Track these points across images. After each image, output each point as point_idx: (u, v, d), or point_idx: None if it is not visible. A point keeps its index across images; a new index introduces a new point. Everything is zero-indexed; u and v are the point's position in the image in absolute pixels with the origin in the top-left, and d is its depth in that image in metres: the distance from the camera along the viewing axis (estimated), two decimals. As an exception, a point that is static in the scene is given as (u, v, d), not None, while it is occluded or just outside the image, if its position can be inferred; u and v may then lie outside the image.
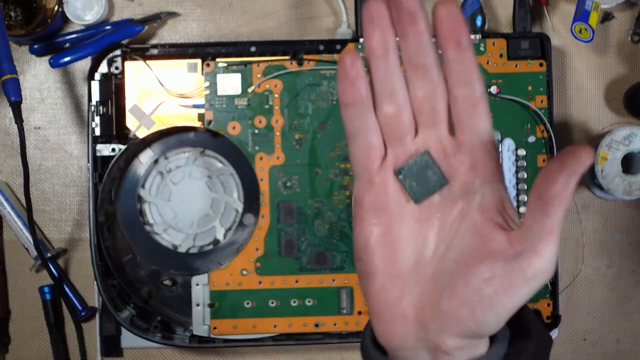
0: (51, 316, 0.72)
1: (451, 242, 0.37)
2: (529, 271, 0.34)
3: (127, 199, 0.71)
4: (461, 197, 0.37)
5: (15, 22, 0.72)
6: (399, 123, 0.37)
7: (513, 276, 0.34)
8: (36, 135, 0.74)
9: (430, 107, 0.36)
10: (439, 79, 0.36)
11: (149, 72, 0.69)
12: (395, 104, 0.36)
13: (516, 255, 0.35)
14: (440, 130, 0.37)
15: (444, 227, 0.37)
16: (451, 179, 0.37)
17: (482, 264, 0.35)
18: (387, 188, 0.37)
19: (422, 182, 0.37)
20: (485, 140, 0.36)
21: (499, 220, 0.36)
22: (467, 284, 0.35)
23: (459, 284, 0.35)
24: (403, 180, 0.37)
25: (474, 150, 0.36)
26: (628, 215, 0.75)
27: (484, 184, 0.36)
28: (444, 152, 0.37)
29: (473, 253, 0.36)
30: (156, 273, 0.71)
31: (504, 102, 0.71)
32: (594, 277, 0.75)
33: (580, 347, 0.75)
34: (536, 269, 0.34)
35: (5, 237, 0.74)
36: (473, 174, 0.36)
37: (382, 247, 0.37)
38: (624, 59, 0.75)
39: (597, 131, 0.75)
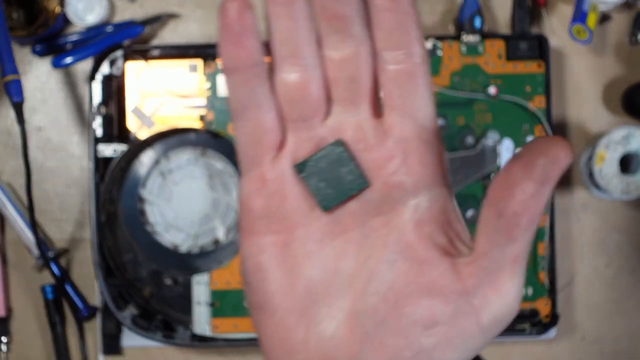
0: (53, 315, 0.73)
1: (375, 269, 0.26)
2: (484, 315, 0.25)
3: (128, 199, 0.71)
4: (388, 206, 0.27)
5: (17, 23, 0.73)
6: (304, 97, 0.26)
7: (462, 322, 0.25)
8: (38, 135, 0.74)
9: (348, 76, 0.26)
10: (363, 37, 0.26)
11: (150, 73, 0.70)
12: (300, 69, 0.26)
13: (466, 292, 0.25)
14: (362, 111, 0.27)
15: (365, 246, 0.27)
16: (374, 179, 0.27)
17: (418, 304, 0.25)
18: (285, 189, 0.27)
19: (334, 183, 0.27)
20: (423, 127, 0.26)
21: (441, 241, 0.26)
22: (397, 333, 0.25)
23: (387, 332, 0.25)
24: (307, 180, 0.27)
25: (408, 141, 0.26)
26: (626, 215, 0.75)
27: (420, 188, 0.26)
28: (365, 142, 0.27)
29: (405, 287, 0.26)
30: (157, 272, 0.71)
31: (502, 103, 0.71)
32: (593, 276, 0.75)
33: (579, 346, 0.75)
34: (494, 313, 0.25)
35: (8, 236, 0.74)
36: (404, 174, 0.26)
37: (278, 269, 0.27)
38: (622, 60, 0.75)
39: (595, 131, 0.75)
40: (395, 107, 0.26)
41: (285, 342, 0.27)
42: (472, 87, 0.71)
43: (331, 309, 0.27)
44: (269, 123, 0.27)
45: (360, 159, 0.27)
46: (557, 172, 0.23)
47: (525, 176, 0.23)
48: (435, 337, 0.25)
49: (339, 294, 0.27)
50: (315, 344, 0.26)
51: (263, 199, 0.27)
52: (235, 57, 0.26)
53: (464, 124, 0.71)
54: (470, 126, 0.71)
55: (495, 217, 0.24)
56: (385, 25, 0.26)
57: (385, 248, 0.26)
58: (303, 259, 0.27)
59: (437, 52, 0.71)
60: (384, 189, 0.27)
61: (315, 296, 0.27)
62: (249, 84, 0.26)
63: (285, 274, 0.27)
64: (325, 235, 0.27)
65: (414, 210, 0.26)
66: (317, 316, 0.27)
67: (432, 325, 0.25)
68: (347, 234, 0.27)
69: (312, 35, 0.26)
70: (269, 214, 0.27)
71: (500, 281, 0.25)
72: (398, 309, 0.25)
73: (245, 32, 0.25)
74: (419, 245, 0.26)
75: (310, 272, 0.27)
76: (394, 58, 0.26)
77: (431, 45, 0.71)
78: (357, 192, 0.27)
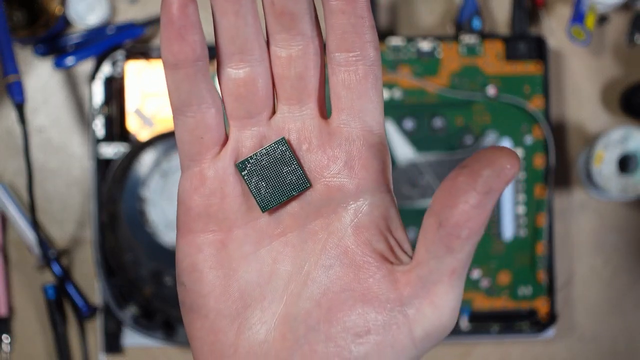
0: (54, 315, 0.73)
1: (311, 273, 0.26)
2: (417, 328, 0.24)
3: (129, 199, 0.71)
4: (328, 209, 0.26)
5: (18, 24, 0.73)
6: (250, 93, 0.26)
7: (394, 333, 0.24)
8: (39, 136, 0.74)
9: (295, 74, 0.26)
10: (312, 35, 0.26)
11: (150, 74, 0.70)
12: (247, 65, 0.26)
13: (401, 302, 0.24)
14: (308, 110, 0.26)
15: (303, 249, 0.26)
16: (316, 181, 0.26)
17: (352, 311, 0.25)
18: (225, 187, 0.26)
19: (275, 183, 0.26)
20: (370, 131, 0.26)
21: (380, 247, 0.26)
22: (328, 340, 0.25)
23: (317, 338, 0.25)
24: (247, 179, 0.26)
25: (353, 143, 0.26)
26: (624, 215, 0.76)
27: (361, 192, 0.26)
28: (309, 142, 0.26)
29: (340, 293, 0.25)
30: (158, 272, 0.72)
31: (501, 104, 0.71)
32: (591, 276, 0.76)
33: (577, 346, 0.76)
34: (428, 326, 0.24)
35: (9, 236, 0.74)
36: (347, 177, 0.26)
37: (214, 270, 0.26)
38: (620, 60, 0.76)
39: (593, 132, 0.75)
40: (343, 109, 0.26)
41: (215, 346, 0.26)
42: (471, 87, 0.71)
43: (264, 313, 0.26)
44: (211, 120, 0.26)
45: (304, 159, 0.26)
46: (502, 184, 0.22)
47: (469, 187, 0.22)
48: (366, 346, 0.24)
49: (274, 298, 0.26)
50: (245, 349, 0.26)
51: (202, 198, 0.26)
52: (177, 53, 0.25)
53: (463, 124, 0.71)
54: (469, 126, 0.71)
55: (435, 227, 0.23)
56: (338, 27, 0.25)
57: (323, 252, 0.26)
58: (239, 261, 0.26)
59: (436, 53, 0.71)
60: (326, 191, 0.26)
61: (249, 300, 0.26)
62: (191, 80, 0.25)
63: (221, 276, 0.26)
64: (263, 237, 0.27)
65: (354, 214, 0.26)
66: (249, 320, 0.26)
67: (364, 333, 0.24)
68: (286, 236, 0.27)
69: (259, 32, 0.26)
70: (208, 213, 0.26)
71: (436, 293, 0.24)
72: (331, 315, 0.25)
73: (188, 27, 0.25)
74: (357, 250, 0.25)
75: (245, 275, 0.26)
76: (345, 60, 0.26)
77: (430, 45, 0.71)
78: (299, 193, 0.26)
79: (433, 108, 0.71)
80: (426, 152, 0.71)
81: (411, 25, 0.75)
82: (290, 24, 0.25)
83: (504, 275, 0.72)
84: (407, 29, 0.75)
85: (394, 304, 0.24)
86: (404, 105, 0.71)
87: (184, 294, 0.27)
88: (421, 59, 0.71)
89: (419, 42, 0.71)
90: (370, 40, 0.25)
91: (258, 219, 0.27)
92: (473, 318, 0.72)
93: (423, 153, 0.71)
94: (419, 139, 0.71)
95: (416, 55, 0.71)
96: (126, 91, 0.70)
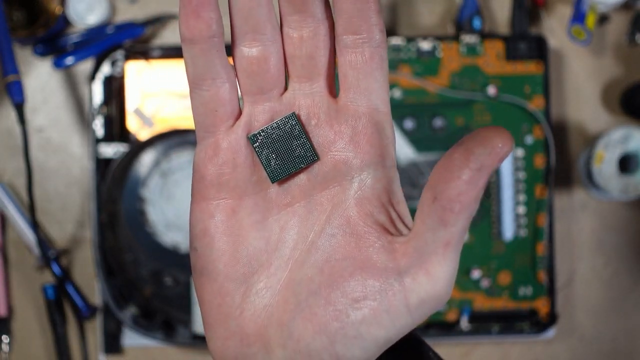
0: (54, 315, 0.73)
1: (315, 241, 0.27)
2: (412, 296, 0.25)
3: (129, 199, 0.71)
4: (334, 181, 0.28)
5: (18, 24, 0.73)
6: (263, 70, 0.27)
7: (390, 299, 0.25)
8: (39, 136, 0.74)
9: (306, 54, 0.27)
10: (323, 17, 0.27)
11: (150, 73, 0.70)
12: (259, 44, 0.27)
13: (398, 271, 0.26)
14: (317, 88, 0.28)
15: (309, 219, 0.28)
16: (323, 155, 0.28)
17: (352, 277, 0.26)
18: (237, 158, 0.28)
19: (284, 155, 0.28)
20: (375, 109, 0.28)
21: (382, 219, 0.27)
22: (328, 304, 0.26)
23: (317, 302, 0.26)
24: (259, 150, 0.28)
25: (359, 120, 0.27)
26: (625, 215, 0.76)
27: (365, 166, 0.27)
28: (318, 118, 0.28)
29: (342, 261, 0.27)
30: (158, 272, 0.72)
31: (501, 103, 0.71)
32: (591, 276, 0.76)
33: (577, 346, 0.76)
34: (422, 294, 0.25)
35: (9, 236, 0.74)
36: (352, 151, 0.27)
37: (224, 236, 0.28)
38: (620, 60, 0.76)
39: (594, 132, 0.75)
40: (350, 88, 0.27)
41: (222, 308, 0.28)
42: (471, 87, 0.71)
43: (270, 279, 0.28)
44: (224, 94, 0.27)
45: (312, 134, 0.28)
46: (494, 162, 0.24)
47: (463, 163, 0.24)
48: (363, 311, 0.25)
49: (280, 265, 0.28)
50: (251, 311, 0.27)
51: (215, 167, 0.28)
52: (193, 29, 0.26)
53: (464, 124, 0.71)
54: (469, 126, 0.71)
55: (431, 201, 0.25)
56: (345, 11, 0.27)
57: (327, 222, 0.28)
58: (248, 229, 0.28)
59: (436, 53, 0.71)
60: (332, 164, 0.28)
61: (256, 265, 0.28)
62: (206, 56, 0.27)
63: (230, 242, 0.28)
64: (272, 206, 0.28)
65: (358, 186, 0.27)
66: (255, 285, 0.28)
67: (361, 298, 0.26)
68: (294, 207, 0.28)
69: (272, 13, 0.27)
70: (220, 182, 0.28)
71: (431, 263, 0.25)
72: (331, 281, 0.26)
73: (204, 4, 0.26)
74: (359, 221, 0.27)
75: (254, 242, 0.28)
76: (352, 42, 0.27)
77: (430, 45, 0.71)
78: (307, 165, 0.28)
79: (433, 108, 0.71)
80: (426, 152, 0.71)
81: (411, 25, 0.75)
82: (301, 7, 0.27)
83: (505, 275, 0.72)
84: (407, 28, 0.75)
85: (391, 272, 0.26)
86: (404, 105, 0.71)
87: (196, 258, 0.28)
88: (421, 58, 0.71)
89: (419, 41, 0.71)
90: (376, 24, 0.27)
91: (267, 189, 0.28)
92: (473, 318, 0.72)
93: (423, 153, 0.71)
94: (419, 139, 0.71)
95: (416, 55, 0.71)
96: (126, 91, 0.70)
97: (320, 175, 0.28)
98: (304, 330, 0.26)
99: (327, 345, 0.26)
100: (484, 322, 0.72)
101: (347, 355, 0.26)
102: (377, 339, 0.26)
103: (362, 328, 0.26)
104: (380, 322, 0.25)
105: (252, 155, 0.28)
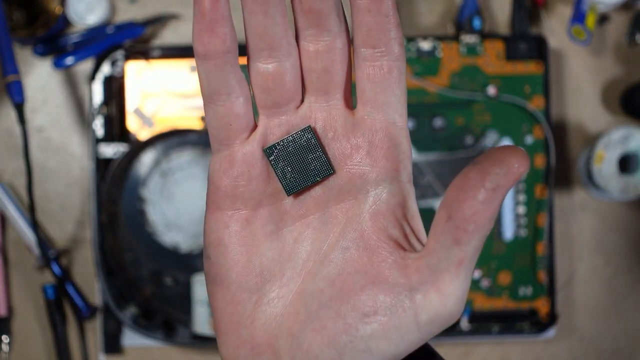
0: (54, 315, 0.73)
1: (328, 254, 0.28)
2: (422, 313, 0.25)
3: (129, 199, 0.71)
4: (349, 194, 0.28)
5: (18, 24, 0.73)
6: (278, 86, 0.27)
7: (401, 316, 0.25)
8: (39, 136, 0.74)
9: (322, 68, 0.27)
10: (339, 31, 0.27)
11: (150, 73, 0.70)
12: (274, 60, 0.27)
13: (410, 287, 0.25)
14: (333, 101, 0.28)
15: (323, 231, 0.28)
16: (339, 168, 0.28)
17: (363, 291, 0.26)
18: (252, 170, 0.28)
19: (300, 168, 0.28)
20: (392, 123, 0.27)
21: (395, 234, 0.27)
22: (338, 317, 0.26)
23: (328, 314, 0.26)
24: (274, 163, 0.28)
25: (375, 133, 0.27)
26: (625, 215, 0.76)
27: (381, 180, 0.27)
28: (334, 131, 0.28)
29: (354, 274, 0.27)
30: (158, 272, 0.72)
31: (502, 103, 0.71)
32: (591, 276, 0.76)
33: (577, 346, 0.76)
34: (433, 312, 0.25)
35: (9, 236, 0.74)
36: (369, 165, 0.27)
37: (238, 246, 0.28)
38: (620, 60, 0.76)
39: (594, 132, 0.75)
40: (367, 102, 0.27)
41: (234, 316, 0.28)
42: (471, 87, 0.71)
43: (282, 289, 0.28)
44: (239, 108, 0.27)
45: (328, 147, 0.28)
46: (510, 182, 0.24)
47: (479, 183, 0.24)
48: (372, 326, 0.25)
49: (292, 275, 0.28)
50: (262, 321, 0.28)
51: (230, 179, 0.28)
52: (208, 44, 0.26)
53: (464, 124, 0.71)
54: (469, 126, 0.71)
55: (445, 219, 0.24)
56: (364, 24, 0.26)
57: (341, 235, 0.28)
58: (262, 239, 0.28)
59: (436, 53, 0.71)
60: (348, 178, 0.28)
61: (269, 276, 0.28)
62: (220, 71, 0.27)
63: (244, 252, 0.28)
64: (286, 218, 0.28)
65: (373, 200, 0.27)
66: (267, 295, 0.28)
67: (371, 313, 0.26)
68: (308, 218, 0.28)
69: (287, 29, 0.27)
70: (235, 194, 0.28)
71: (443, 281, 0.25)
72: (342, 294, 0.26)
73: (218, 20, 0.26)
74: (372, 235, 0.27)
75: (267, 252, 0.28)
76: (370, 55, 0.27)
77: (430, 45, 0.71)
78: (322, 178, 0.28)
79: (433, 108, 0.71)
80: (426, 152, 0.71)
81: (411, 24, 0.75)
82: (317, 21, 0.27)
83: (505, 275, 0.72)
84: (407, 28, 0.75)
85: (402, 288, 0.25)
86: (404, 105, 0.71)
87: (209, 267, 0.29)
88: (421, 58, 0.71)
89: (420, 41, 0.71)
90: (395, 37, 0.27)
91: (282, 200, 0.28)
92: (473, 318, 0.72)
93: (423, 153, 0.71)
94: (419, 139, 0.71)
95: (416, 54, 0.71)
96: (126, 91, 0.70)
97: (335, 188, 0.28)
98: (313, 341, 0.26)
99: (335, 357, 0.26)
100: (484, 322, 0.72)
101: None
102: (386, 354, 0.26)
103: (371, 343, 0.26)
104: (389, 338, 0.25)
105: (267, 168, 0.28)
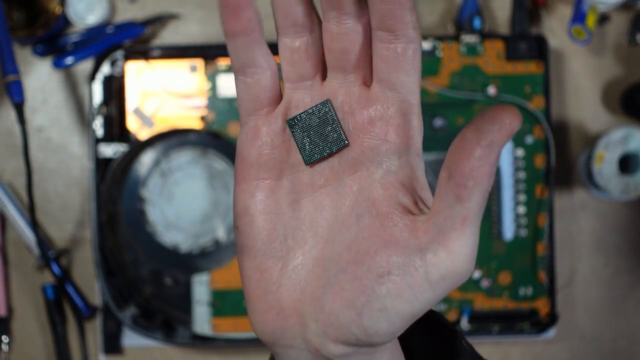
0: (54, 315, 0.73)
1: (345, 221, 0.29)
2: (433, 271, 0.27)
3: (129, 199, 0.71)
4: (362, 165, 0.30)
5: (18, 24, 0.73)
6: (303, 59, 0.30)
7: (413, 275, 0.27)
8: (39, 136, 0.74)
9: (341, 48, 0.29)
10: (359, 14, 0.29)
11: (150, 73, 0.70)
12: (299, 37, 0.30)
13: (420, 247, 0.27)
14: (351, 78, 0.30)
15: (339, 200, 0.30)
16: (353, 141, 0.30)
17: (377, 254, 0.28)
18: (275, 140, 0.30)
19: (318, 139, 0.30)
20: (404, 101, 0.29)
21: (406, 201, 0.29)
22: (355, 279, 0.28)
23: (346, 278, 0.28)
24: (295, 134, 0.30)
25: (388, 110, 0.29)
26: (625, 214, 0.76)
27: (391, 153, 0.29)
28: (350, 106, 0.30)
29: (368, 239, 0.28)
30: (158, 272, 0.72)
31: (502, 103, 0.71)
32: (591, 276, 0.76)
33: (578, 346, 0.76)
34: (443, 270, 0.27)
35: (9, 236, 0.74)
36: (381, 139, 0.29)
37: (263, 214, 0.30)
38: (621, 60, 0.76)
39: (594, 132, 0.75)
40: (381, 80, 0.29)
41: (261, 283, 0.30)
42: (471, 87, 0.71)
43: (305, 257, 0.30)
44: (266, 81, 0.30)
45: (344, 121, 0.30)
46: (504, 138, 0.25)
47: (475, 141, 0.25)
48: (387, 285, 0.27)
49: (313, 243, 0.30)
50: (287, 286, 0.30)
51: (255, 149, 0.30)
52: (233, 26, 0.29)
53: (464, 124, 0.71)
54: (469, 126, 0.71)
55: (446, 179, 0.26)
56: (379, 11, 0.28)
57: (355, 204, 0.29)
58: (285, 209, 0.30)
59: (436, 53, 0.71)
60: (360, 150, 0.30)
61: (293, 243, 0.30)
62: (247, 47, 0.29)
63: (269, 219, 0.30)
64: (307, 188, 0.30)
65: (384, 172, 0.29)
66: (291, 262, 0.30)
67: (385, 274, 0.27)
68: (326, 189, 0.30)
69: (310, 9, 0.29)
70: (259, 162, 0.30)
71: (450, 239, 0.27)
72: (358, 258, 0.28)
73: (241, 5, 0.28)
74: (384, 202, 0.29)
75: (290, 221, 0.30)
76: (385, 37, 0.28)
77: (431, 45, 0.71)
78: (337, 150, 0.30)
79: (433, 108, 0.71)
80: (427, 152, 0.71)
81: (411, 24, 0.75)
82: (337, 4, 0.28)
83: (505, 275, 0.72)
84: (407, 28, 0.75)
85: (413, 249, 0.27)
86: (405, 105, 0.71)
87: (237, 237, 0.31)
88: (421, 58, 0.71)
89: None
90: (410, 22, 0.28)
91: (303, 171, 0.30)
92: (473, 318, 0.72)
93: (424, 153, 0.71)
94: (420, 139, 0.71)
95: (416, 54, 0.71)
96: (126, 91, 0.70)
97: (349, 159, 0.30)
98: (334, 304, 0.28)
99: (355, 318, 0.27)
100: (484, 322, 0.72)
101: (374, 327, 0.27)
102: (402, 312, 0.27)
103: (387, 301, 0.27)
104: (403, 296, 0.27)
105: (288, 139, 0.30)
